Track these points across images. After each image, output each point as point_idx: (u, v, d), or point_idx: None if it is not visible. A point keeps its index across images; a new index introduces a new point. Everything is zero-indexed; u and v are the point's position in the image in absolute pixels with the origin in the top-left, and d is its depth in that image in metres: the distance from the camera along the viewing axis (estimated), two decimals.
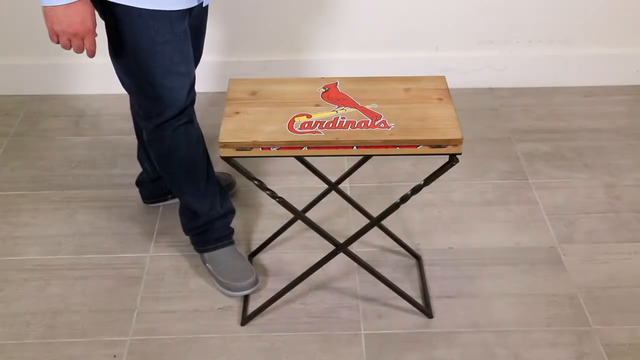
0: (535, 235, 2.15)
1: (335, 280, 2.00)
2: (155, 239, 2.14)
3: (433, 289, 1.97)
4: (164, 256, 2.09)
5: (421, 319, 1.89)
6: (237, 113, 1.65)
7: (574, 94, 2.80)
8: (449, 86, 1.73)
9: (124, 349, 1.82)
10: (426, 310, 1.89)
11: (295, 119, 1.61)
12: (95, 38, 1.62)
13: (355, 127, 1.59)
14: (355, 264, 1.90)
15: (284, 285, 1.87)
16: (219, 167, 2.15)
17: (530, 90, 2.82)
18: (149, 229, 2.17)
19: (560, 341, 1.83)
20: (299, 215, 1.78)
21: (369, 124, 1.59)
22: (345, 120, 1.60)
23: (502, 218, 2.21)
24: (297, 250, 2.09)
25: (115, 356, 1.80)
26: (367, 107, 1.65)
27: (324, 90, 1.70)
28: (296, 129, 1.58)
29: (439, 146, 1.56)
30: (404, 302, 1.90)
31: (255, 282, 1.96)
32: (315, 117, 1.62)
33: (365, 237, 1.84)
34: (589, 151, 2.50)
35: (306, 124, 1.60)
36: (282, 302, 1.91)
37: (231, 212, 2.02)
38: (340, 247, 1.79)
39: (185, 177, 1.90)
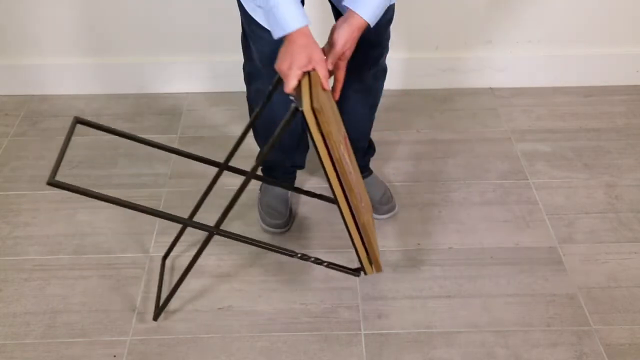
0: (535, 235, 2.15)
1: (335, 280, 2.00)
2: (155, 239, 2.14)
3: (433, 289, 1.97)
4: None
5: (421, 319, 1.89)
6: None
7: (574, 94, 2.80)
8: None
9: (124, 349, 1.82)
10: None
11: None
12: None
13: None
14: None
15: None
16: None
17: (530, 90, 2.82)
18: (149, 229, 2.17)
19: (560, 341, 1.83)
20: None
21: None
22: None
23: (502, 218, 2.21)
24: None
25: (115, 356, 1.80)
26: None
27: None
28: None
29: None
30: (404, 302, 1.90)
31: (281, 226, 2.10)
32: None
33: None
34: (589, 151, 2.50)
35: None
36: (282, 302, 1.91)
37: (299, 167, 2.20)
38: (214, 230, 1.72)
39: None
